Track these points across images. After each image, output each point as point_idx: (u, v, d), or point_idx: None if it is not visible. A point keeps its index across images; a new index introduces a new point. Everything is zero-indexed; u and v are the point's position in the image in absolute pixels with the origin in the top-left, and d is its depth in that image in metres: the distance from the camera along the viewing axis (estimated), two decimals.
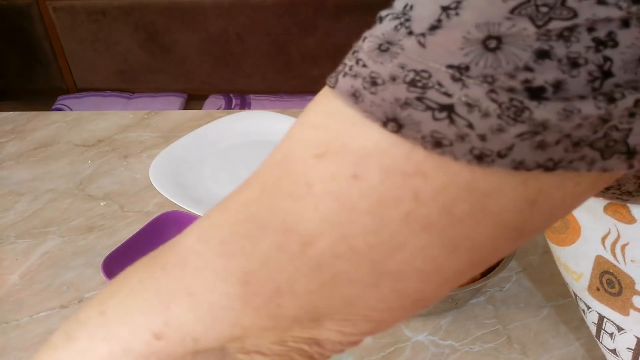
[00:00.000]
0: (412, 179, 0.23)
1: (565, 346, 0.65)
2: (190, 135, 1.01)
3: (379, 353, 0.65)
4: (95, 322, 0.32)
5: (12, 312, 0.71)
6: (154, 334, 0.29)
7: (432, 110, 0.22)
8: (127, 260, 0.70)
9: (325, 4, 1.94)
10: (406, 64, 0.22)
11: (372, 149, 0.23)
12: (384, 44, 0.23)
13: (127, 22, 1.99)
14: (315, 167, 0.24)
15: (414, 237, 0.24)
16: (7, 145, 1.04)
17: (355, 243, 0.24)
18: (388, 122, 0.22)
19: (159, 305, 0.29)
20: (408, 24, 0.22)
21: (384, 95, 0.22)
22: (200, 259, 0.28)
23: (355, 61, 0.24)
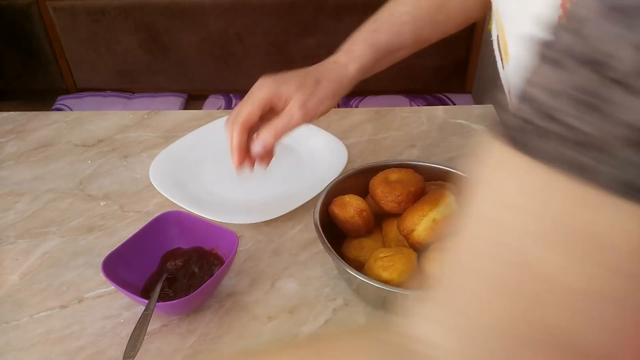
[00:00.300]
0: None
1: None
2: (190, 135, 1.01)
3: None
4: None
5: (12, 312, 0.71)
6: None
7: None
8: (127, 260, 0.71)
9: (325, 4, 1.94)
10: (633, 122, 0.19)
11: (628, 233, 0.19)
12: (589, 98, 0.20)
13: (127, 22, 1.99)
14: (563, 267, 0.21)
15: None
16: (7, 145, 1.03)
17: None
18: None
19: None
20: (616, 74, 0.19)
21: (616, 163, 0.19)
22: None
23: (546, 119, 0.21)
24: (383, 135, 1.03)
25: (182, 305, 0.67)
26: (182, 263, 0.73)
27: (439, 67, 2.01)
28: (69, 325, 0.69)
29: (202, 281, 0.69)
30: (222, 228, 0.72)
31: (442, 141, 1.01)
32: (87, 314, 0.70)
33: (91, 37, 2.03)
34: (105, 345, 0.66)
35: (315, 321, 0.69)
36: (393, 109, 1.10)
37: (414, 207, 0.68)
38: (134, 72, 2.12)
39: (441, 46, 0.80)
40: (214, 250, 0.74)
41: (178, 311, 0.69)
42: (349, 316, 0.69)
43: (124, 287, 0.66)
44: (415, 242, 0.68)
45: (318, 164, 0.94)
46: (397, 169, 0.77)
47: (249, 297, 0.72)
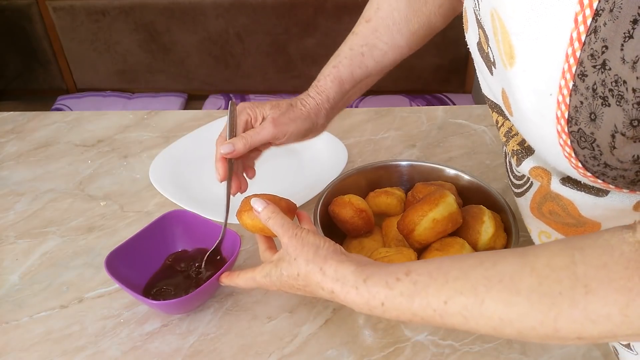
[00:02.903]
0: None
1: (565, 346, 0.65)
2: (190, 135, 1.01)
3: (379, 353, 0.65)
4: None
5: (12, 312, 0.71)
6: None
7: None
8: (130, 259, 0.71)
9: (325, 4, 1.94)
10: None
11: None
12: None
13: (127, 22, 1.99)
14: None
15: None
16: (7, 145, 1.04)
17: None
18: None
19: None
20: None
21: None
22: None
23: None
24: (383, 135, 1.03)
25: (182, 304, 0.67)
26: (187, 264, 0.73)
27: (439, 67, 2.01)
28: (69, 325, 0.69)
29: (203, 281, 0.69)
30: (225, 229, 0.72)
31: (442, 141, 1.01)
32: (87, 314, 0.70)
33: (91, 37, 2.03)
34: (105, 345, 0.66)
35: (315, 321, 0.69)
36: (393, 109, 1.10)
37: (414, 207, 0.68)
38: (134, 72, 2.12)
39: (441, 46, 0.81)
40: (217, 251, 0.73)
41: (178, 310, 0.69)
42: (349, 316, 0.69)
43: (126, 285, 0.66)
44: (415, 242, 0.68)
45: (318, 164, 0.94)
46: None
47: (249, 297, 0.72)
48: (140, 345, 0.66)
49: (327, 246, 0.53)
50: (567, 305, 0.38)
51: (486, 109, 1.09)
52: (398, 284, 0.46)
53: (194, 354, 0.65)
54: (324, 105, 0.70)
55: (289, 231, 0.55)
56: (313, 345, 0.66)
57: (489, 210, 0.71)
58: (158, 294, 0.69)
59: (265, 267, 0.57)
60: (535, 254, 0.41)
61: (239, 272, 0.62)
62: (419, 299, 0.45)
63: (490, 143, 1.00)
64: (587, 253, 0.38)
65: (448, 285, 0.43)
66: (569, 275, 0.38)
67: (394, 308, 0.46)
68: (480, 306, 0.41)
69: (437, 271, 0.45)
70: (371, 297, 0.47)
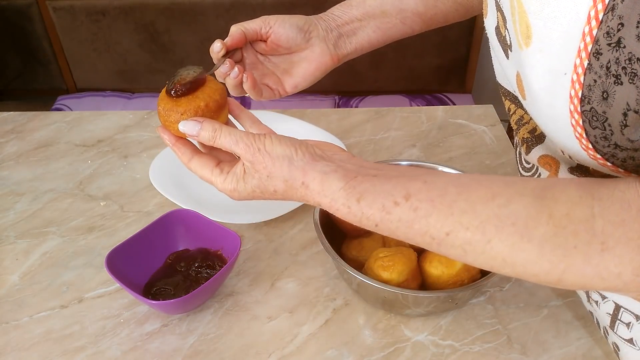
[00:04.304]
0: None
1: (565, 346, 0.65)
2: None
3: (379, 353, 0.65)
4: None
5: (12, 312, 0.71)
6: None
7: None
8: (130, 258, 0.71)
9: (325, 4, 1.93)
10: None
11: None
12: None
13: (127, 22, 1.99)
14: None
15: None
16: (7, 145, 1.03)
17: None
18: None
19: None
20: None
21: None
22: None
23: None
24: (383, 135, 1.03)
25: (182, 304, 0.67)
26: (186, 264, 0.73)
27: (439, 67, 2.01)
28: (69, 325, 0.69)
29: (204, 281, 0.69)
30: (225, 229, 0.72)
31: (442, 141, 1.01)
32: (87, 314, 0.70)
33: (91, 37, 2.03)
34: (105, 345, 0.66)
35: (315, 321, 0.69)
36: (393, 109, 1.10)
37: None
38: (134, 72, 2.12)
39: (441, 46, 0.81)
40: (218, 252, 0.74)
41: (178, 310, 0.69)
42: (349, 316, 0.69)
43: (126, 284, 0.66)
44: None
45: None
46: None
47: (249, 297, 0.72)
48: (140, 345, 0.66)
49: (301, 154, 0.47)
50: (580, 260, 0.37)
51: (486, 109, 1.09)
52: (396, 208, 0.43)
53: (194, 354, 0.65)
54: (324, 17, 0.66)
55: (250, 147, 0.47)
56: (313, 345, 0.66)
57: None
58: (158, 293, 0.70)
59: (226, 178, 0.49)
60: (554, 198, 0.39)
61: (198, 157, 0.51)
62: (418, 226, 0.42)
63: (490, 143, 1.00)
64: (606, 206, 0.37)
65: (453, 218, 0.41)
66: (586, 229, 0.37)
67: (388, 230, 0.44)
68: (485, 244, 0.40)
69: (440, 199, 0.42)
70: (364, 218, 0.44)
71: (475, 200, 0.41)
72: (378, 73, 1.98)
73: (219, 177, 0.50)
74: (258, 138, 0.48)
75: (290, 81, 0.66)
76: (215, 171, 0.50)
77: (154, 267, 0.73)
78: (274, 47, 0.65)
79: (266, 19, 0.63)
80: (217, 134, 0.49)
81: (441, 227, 0.41)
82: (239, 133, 0.48)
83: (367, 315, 0.69)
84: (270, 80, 0.66)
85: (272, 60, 0.67)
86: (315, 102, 1.90)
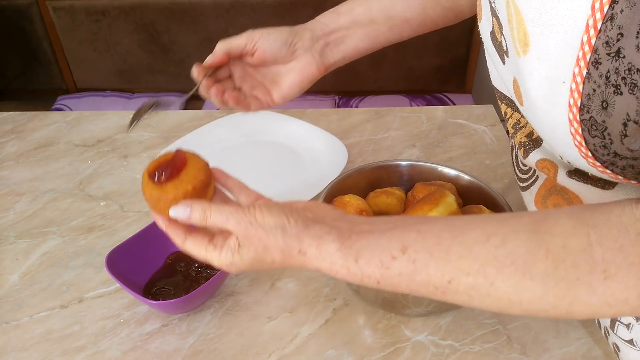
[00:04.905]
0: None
1: (565, 346, 0.65)
2: (190, 135, 1.01)
3: (379, 353, 0.65)
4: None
5: (12, 312, 0.71)
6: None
7: None
8: (130, 258, 0.71)
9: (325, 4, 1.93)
10: None
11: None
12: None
13: (127, 22, 1.99)
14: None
15: None
16: (7, 145, 1.04)
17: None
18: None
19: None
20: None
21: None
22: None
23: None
24: (383, 135, 1.03)
25: (182, 304, 0.67)
26: (186, 264, 0.73)
27: (439, 67, 2.01)
28: (69, 325, 0.69)
29: (204, 281, 0.69)
30: None
31: (442, 141, 1.01)
32: (87, 314, 0.70)
33: (91, 37, 2.03)
34: (105, 345, 0.66)
35: (315, 321, 0.69)
36: (393, 109, 1.10)
37: (414, 207, 0.68)
38: (134, 72, 2.12)
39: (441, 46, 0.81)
40: None
41: (178, 310, 0.69)
42: (349, 316, 0.69)
43: (126, 284, 0.66)
44: None
45: (318, 164, 0.94)
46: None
47: (249, 297, 0.72)
48: (140, 345, 0.66)
49: (293, 221, 0.46)
50: (584, 291, 0.37)
51: (486, 109, 1.09)
52: (395, 262, 0.43)
53: (194, 354, 0.65)
54: (310, 27, 0.66)
55: (240, 222, 0.47)
56: (313, 345, 0.66)
57: (489, 211, 0.71)
58: (158, 293, 0.70)
59: (220, 254, 0.49)
60: (549, 231, 0.39)
61: (191, 237, 0.50)
62: (419, 278, 0.42)
63: (490, 143, 1.00)
64: (603, 233, 0.37)
65: (452, 265, 0.41)
66: (586, 259, 0.37)
67: (390, 285, 0.44)
68: (488, 287, 0.40)
69: (437, 247, 0.42)
70: (365, 277, 0.44)
71: (471, 243, 0.41)
72: (378, 73, 1.98)
73: (213, 252, 0.49)
74: (248, 211, 0.47)
75: (278, 92, 0.67)
76: (209, 247, 0.49)
77: (154, 267, 0.73)
78: (260, 60, 0.66)
79: (251, 35, 0.65)
80: (207, 214, 0.48)
81: (442, 275, 0.41)
82: (228, 209, 0.48)
83: (367, 315, 0.69)
84: (259, 91, 0.67)
85: (260, 71, 0.69)
86: (315, 102, 1.90)
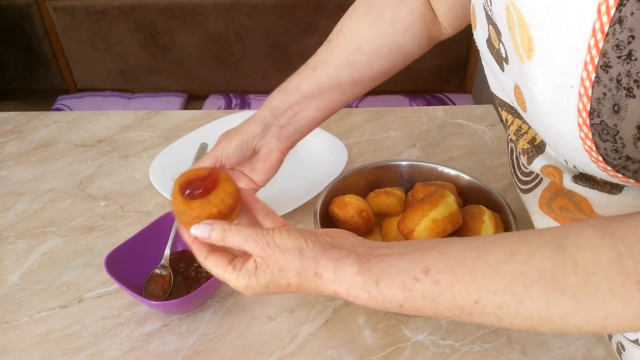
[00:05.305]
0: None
1: (565, 346, 0.65)
2: (190, 135, 1.01)
3: (379, 353, 0.65)
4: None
5: (12, 312, 0.71)
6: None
7: None
8: (130, 259, 0.71)
9: (325, 4, 1.94)
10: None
11: None
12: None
13: (127, 22, 1.99)
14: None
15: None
16: (7, 145, 1.04)
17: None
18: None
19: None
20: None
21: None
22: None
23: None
24: (383, 135, 1.03)
25: (182, 304, 0.67)
26: (186, 264, 0.73)
27: (439, 67, 2.01)
28: (69, 325, 0.69)
29: (204, 281, 0.69)
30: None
31: (442, 141, 1.01)
32: (87, 314, 0.70)
33: (91, 37, 2.03)
34: (105, 345, 0.66)
35: (315, 321, 0.69)
36: (393, 109, 1.10)
37: (414, 207, 0.68)
38: (134, 72, 2.12)
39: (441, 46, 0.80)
40: None
41: (178, 311, 0.69)
42: (349, 316, 0.69)
43: (126, 285, 0.66)
44: None
45: (318, 164, 0.94)
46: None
47: (249, 297, 0.72)
48: (140, 345, 0.66)
49: (311, 244, 0.46)
50: (619, 304, 0.36)
51: (486, 109, 1.09)
52: (418, 284, 0.42)
53: (194, 354, 0.65)
54: (261, 117, 0.66)
55: (259, 243, 0.47)
56: (313, 345, 0.66)
57: (489, 210, 0.71)
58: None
59: (238, 275, 0.49)
60: (574, 245, 0.38)
61: (213, 255, 0.51)
62: (444, 299, 0.41)
63: (490, 143, 1.00)
64: (632, 244, 0.36)
65: (477, 284, 0.40)
66: (618, 270, 0.36)
67: (414, 309, 0.43)
68: (517, 306, 0.39)
69: (460, 267, 0.41)
70: (387, 301, 0.43)
71: (495, 262, 0.40)
72: None
73: (232, 274, 0.49)
74: (267, 233, 0.47)
75: (257, 178, 0.67)
76: (229, 269, 0.50)
77: (154, 267, 0.73)
78: (232, 167, 0.66)
79: (214, 154, 0.64)
80: (227, 234, 0.48)
81: (468, 295, 0.40)
82: (247, 230, 0.48)
83: (367, 315, 0.69)
84: (243, 181, 0.67)
85: (238, 167, 0.67)
86: None
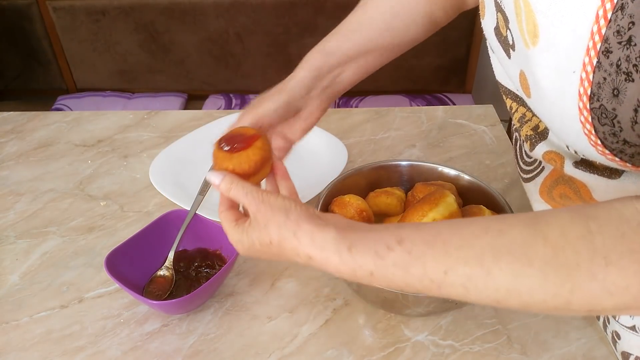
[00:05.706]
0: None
1: (565, 346, 0.65)
2: (190, 135, 1.01)
3: (379, 353, 0.65)
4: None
5: (12, 312, 0.71)
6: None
7: None
8: (130, 259, 0.71)
9: (325, 4, 1.94)
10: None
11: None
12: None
13: (127, 22, 1.99)
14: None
15: None
16: (7, 145, 1.04)
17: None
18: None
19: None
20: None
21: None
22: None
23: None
24: (383, 135, 1.03)
25: (182, 304, 0.67)
26: (186, 264, 0.73)
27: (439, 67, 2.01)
28: (69, 325, 0.69)
29: (204, 281, 0.69)
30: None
31: (442, 141, 1.01)
32: (87, 314, 0.70)
33: (91, 37, 2.03)
34: (105, 345, 0.66)
35: (315, 321, 0.69)
36: (393, 109, 1.10)
37: (414, 207, 0.68)
38: (134, 72, 2.12)
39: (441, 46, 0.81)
40: (217, 251, 0.74)
41: (178, 310, 0.69)
42: (349, 316, 0.69)
43: (126, 285, 0.66)
44: None
45: (318, 164, 0.94)
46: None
47: (249, 297, 0.72)
48: (140, 345, 0.66)
49: (299, 209, 0.48)
50: (585, 278, 0.37)
51: (486, 109, 1.09)
52: (390, 253, 0.42)
53: (194, 354, 0.65)
54: (300, 78, 0.65)
55: (255, 198, 0.49)
56: (313, 345, 0.66)
57: (489, 210, 0.71)
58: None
59: (236, 230, 0.51)
60: (546, 221, 0.39)
61: (229, 210, 0.54)
62: (414, 269, 0.42)
63: (490, 143, 1.00)
64: (603, 223, 0.37)
65: (448, 255, 0.41)
66: (586, 245, 0.37)
67: (384, 277, 0.43)
68: (485, 277, 0.40)
69: (435, 239, 0.42)
70: (358, 267, 0.44)
71: (469, 235, 0.41)
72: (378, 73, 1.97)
73: (232, 228, 0.52)
74: (265, 193, 0.50)
75: (294, 136, 0.66)
76: (232, 224, 0.52)
77: (154, 267, 0.73)
78: (272, 128, 0.65)
79: (256, 112, 0.62)
80: (232, 186, 0.51)
81: (438, 265, 0.41)
82: (249, 187, 0.50)
83: (367, 315, 0.69)
84: (277, 139, 0.66)
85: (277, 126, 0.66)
86: None
